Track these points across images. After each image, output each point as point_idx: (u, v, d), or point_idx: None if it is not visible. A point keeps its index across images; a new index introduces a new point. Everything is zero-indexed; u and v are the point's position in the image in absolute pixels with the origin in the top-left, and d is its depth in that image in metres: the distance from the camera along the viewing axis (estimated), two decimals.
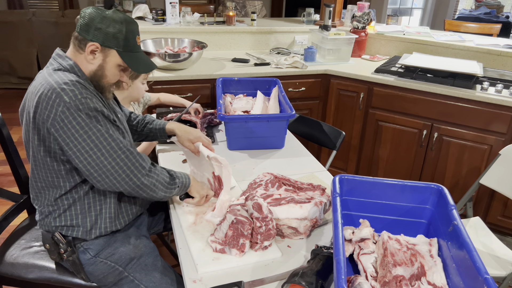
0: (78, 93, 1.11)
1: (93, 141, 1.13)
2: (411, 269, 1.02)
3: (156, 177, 1.23)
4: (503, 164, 1.89)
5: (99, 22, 1.15)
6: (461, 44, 2.81)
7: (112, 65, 1.21)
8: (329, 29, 2.85)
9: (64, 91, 1.10)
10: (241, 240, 1.15)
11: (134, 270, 1.30)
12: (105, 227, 1.27)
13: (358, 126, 2.77)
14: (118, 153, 1.16)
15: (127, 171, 1.17)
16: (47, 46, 4.40)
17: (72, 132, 1.10)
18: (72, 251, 1.26)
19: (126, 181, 1.17)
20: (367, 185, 1.19)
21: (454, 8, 6.38)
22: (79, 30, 1.17)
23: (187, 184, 1.33)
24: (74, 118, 1.10)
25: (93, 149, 1.13)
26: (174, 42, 2.71)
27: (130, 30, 1.20)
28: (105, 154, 1.14)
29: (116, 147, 1.16)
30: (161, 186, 1.24)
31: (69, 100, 1.09)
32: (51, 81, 1.12)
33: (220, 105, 1.79)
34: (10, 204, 1.60)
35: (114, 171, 1.15)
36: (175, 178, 1.29)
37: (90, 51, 1.18)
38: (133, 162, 1.18)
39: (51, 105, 1.10)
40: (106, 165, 1.14)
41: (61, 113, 1.09)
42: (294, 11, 6.42)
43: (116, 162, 1.15)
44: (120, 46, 1.19)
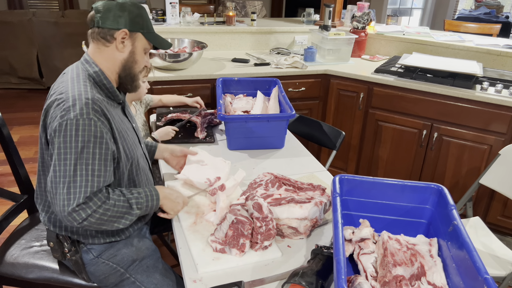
0: (85, 112, 1.08)
1: (65, 165, 1.06)
2: (411, 269, 1.02)
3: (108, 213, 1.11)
4: (503, 164, 1.89)
5: (119, 10, 1.16)
6: (461, 44, 2.81)
7: (140, 48, 1.23)
8: (329, 29, 2.85)
9: (74, 107, 1.08)
10: (241, 240, 1.15)
11: (136, 271, 1.30)
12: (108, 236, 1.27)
13: (358, 126, 2.77)
14: (75, 190, 1.06)
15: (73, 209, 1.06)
16: (47, 46, 4.40)
17: (56, 146, 1.07)
18: (76, 250, 1.27)
19: (69, 219, 1.07)
20: (367, 185, 1.19)
21: (454, 8, 6.38)
22: (101, 23, 1.16)
23: (153, 206, 1.23)
24: (65, 135, 1.06)
25: (61, 172, 1.06)
26: (174, 42, 2.71)
27: (145, 12, 1.23)
28: (67, 183, 1.06)
29: (79, 183, 1.06)
30: (117, 219, 1.14)
31: (73, 117, 1.07)
32: (69, 92, 1.11)
33: (220, 105, 1.79)
34: (10, 204, 1.60)
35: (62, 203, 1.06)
36: (133, 209, 1.17)
37: (121, 38, 1.18)
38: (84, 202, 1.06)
39: (56, 114, 1.09)
40: (60, 193, 1.06)
41: (58, 124, 1.07)
42: (294, 11, 6.42)
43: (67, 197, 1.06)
44: (144, 28, 1.21)
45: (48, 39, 4.38)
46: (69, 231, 1.25)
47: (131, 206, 1.16)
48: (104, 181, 1.11)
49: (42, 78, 4.53)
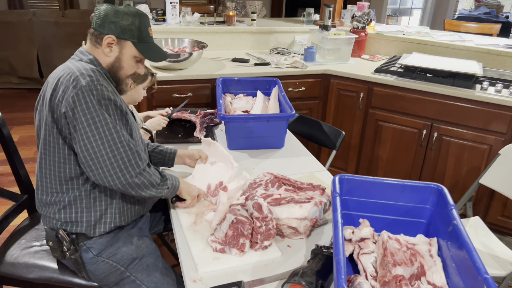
0: (95, 79, 1.15)
1: (97, 128, 1.14)
2: (411, 269, 1.02)
3: (148, 177, 1.21)
4: (503, 164, 1.89)
5: (113, 16, 1.21)
6: (461, 44, 2.81)
7: (128, 56, 1.26)
8: (329, 29, 2.85)
9: (83, 75, 1.14)
10: (241, 240, 1.15)
11: (136, 270, 1.30)
12: (109, 222, 1.27)
13: (358, 126, 2.77)
14: (117, 146, 1.15)
15: (122, 166, 1.16)
16: (47, 46, 4.40)
17: (80, 115, 1.12)
18: (75, 249, 1.26)
19: (118, 176, 1.16)
20: (367, 185, 1.19)
21: (454, 8, 6.38)
22: (95, 26, 1.23)
23: (176, 186, 1.33)
24: (86, 102, 1.12)
25: (95, 136, 1.13)
26: (174, 42, 2.71)
27: (143, 22, 1.25)
28: (105, 143, 1.14)
29: (117, 139, 1.16)
30: (150, 186, 1.23)
31: (85, 84, 1.13)
32: (71, 67, 1.18)
33: (220, 105, 1.79)
34: (10, 204, 1.60)
35: (109, 163, 1.15)
36: (166, 180, 1.28)
37: (106, 43, 1.23)
38: (130, 158, 1.17)
39: (67, 87, 1.13)
40: (103, 155, 1.14)
41: (75, 95, 1.12)
42: (294, 11, 6.42)
43: (113, 155, 1.15)
44: (135, 37, 1.25)
45: (48, 39, 4.38)
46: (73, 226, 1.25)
47: (164, 178, 1.28)
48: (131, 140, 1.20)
49: (42, 78, 4.53)
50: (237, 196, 1.42)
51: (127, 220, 1.32)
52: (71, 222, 1.25)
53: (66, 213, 1.25)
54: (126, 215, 1.31)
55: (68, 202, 1.24)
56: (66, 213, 1.25)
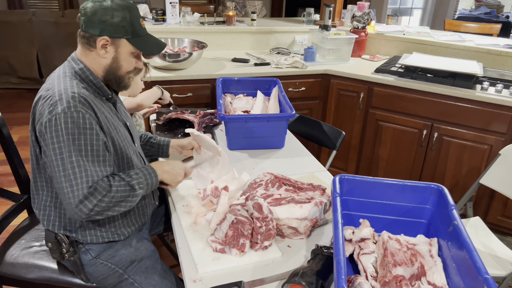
0: (73, 105, 1.09)
1: (62, 159, 1.08)
2: (411, 269, 1.02)
3: (113, 199, 1.13)
4: (503, 164, 1.89)
5: (102, 15, 1.14)
6: (461, 44, 2.81)
7: (125, 54, 1.21)
8: (329, 29, 2.85)
9: (61, 101, 1.09)
10: (241, 240, 1.15)
11: (134, 272, 1.30)
12: (108, 236, 1.27)
13: (358, 126, 2.77)
14: (77, 181, 1.08)
15: (77, 201, 1.08)
16: (47, 46, 4.40)
17: (49, 142, 1.08)
18: (74, 251, 1.26)
19: (75, 211, 1.09)
20: (367, 185, 1.19)
21: (454, 8, 6.38)
22: (84, 27, 1.16)
23: (154, 182, 1.25)
24: (56, 130, 1.08)
25: (59, 166, 1.08)
26: (174, 42, 2.71)
27: (134, 15, 1.19)
28: (66, 176, 1.08)
29: (78, 174, 1.08)
30: (121, 202, 1.15)
31: (61, 111, 1.08)
32: (55, 88, 1.13)
33: (220, 105, 1.79)
34: (10, 204, 1.60)
35: (68, 196, 1.08)
36: (135, 189, 1.18)
37: (101, 46, 1.17)
38: (85, 194, 1.08)
39: (44, 109, 1.10)
40: (63, 187, 1.08)
41: (48, 120, 1.08)
42: (294, 11, 6.41)
43: (71, 189, 1.08)
44: (129, 33, 1.18)
45: (48, 39, 4.38)
46: (68, 230, 1.25)
47: (133, 187, 1.17)
48: (102, 170, 1.12)
49: (42, 78, 4.53)
50: (237, 196, 1.42)
51: (126, 234, 1.31)
52: (69, 230, 1.25)
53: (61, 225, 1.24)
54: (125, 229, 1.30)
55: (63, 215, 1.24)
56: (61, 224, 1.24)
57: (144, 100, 1.87)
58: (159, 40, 1.29)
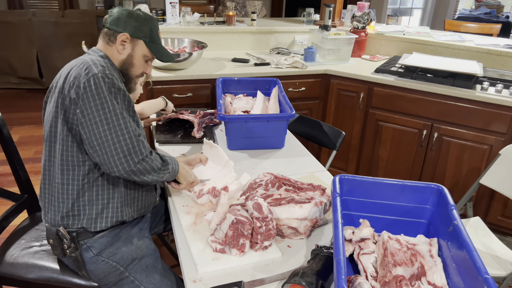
0: (107, 69, 1.20)
1: (105, 114, 1.17)
2: (411, 269, 1.02)
3: (150, 163, 1.24)
4: (503, 164, 1.89)
5: (127, 17, 1.29)
6: (461, 44, 2.81)
7: (139, 54, 1.33)
8: (329, 29, 2.85)
9: (95, 65, 1.19)
10: (241, 240, 1.15)
11: (135, 270, 1.30)
12: (111, 216, 1.27)
13: (358, 126, 2.77)
14: (123, 132, 1.18)
15: (126, 152, 1.18)
16: (47, 46, 4.40)
17: (90, 100, 1.16)
18: (76, 247, 1.27)
19: (122, 162, 1.18)
20: (367, 185, 1.19)
21: (454, 8, 6.38)
22: (109, 25, 1.29)
23: (176, 170, 1.36)
24: (96, 88, 1.16)
25: (102, 121, 1.16)
26: (174, 42, 2.71)
27: (154, 25, 1.34)
28: (111, 129, 1.17)
29: (123, 125, 1.19)
30: (152, 171, 1.26)
31: (97, 71, 1.17)
32: (85, 58, 1.23)
33: (220, 105, 1.79)
34: (10, 204, 1.60)
35: (114, 149, 1.17)
36: (167, 165, 1.31)
37: (120, 41, 1.29)
38: (134, 145, 1.20)
39: (79, 73, 1.17)
40: (108, 140, 1.17)
41: (86, 81, 1.16)
42: (294, 11, 6.42)
43: (118, 140, 1.18)
44: (147, 37, 1.32)
45: (48, 39, 4.38)
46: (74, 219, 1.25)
47: (165, 162, 1.31)
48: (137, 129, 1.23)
49: (42, 78, 4.53)
50: (237, 196, 1.42)
51: (128, 216, 1.32)
52: (73, 216, 1.25)
53: (69, 206, 1.25)
54: (128, 209, 1.31)
55: (71, 194, 1.24)
56: (68, 205, 1.25)
57: (145, 108, 1.86)
58: (171, 53, 1.44)
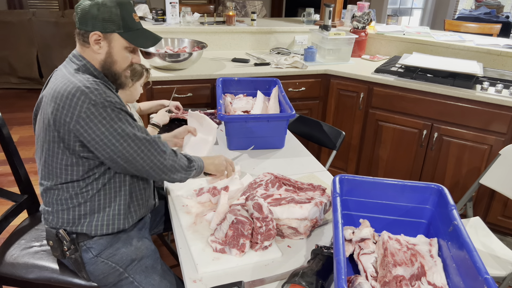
0: (103, 92, 1.14)
1: (120, 134, 1.16)
2: (411, 269, 1.02)
3: (177, 160, 1.28)
4: (503, 164, 1.89)
5: (94, 11, 1.16)
6: (461, 44, 2.81)
7: (118, 49, 1.22)
8: (329, 29, 2.85)
9: (89, 89, 1.13)
10: (241, 240, 1.15)
11: (134, 271, 1.30)
12: (112, 223, 1.27)
13: (358, 126, 2.77)
14: (142, 142, 1.20)
15: (151, 157, 1.22)
16: (47, 46, 4.40)
17: (99, 126, 1.13)
18: (75, 249, 1.26)
19: (151, 166, 1.22)
20: (367, 185, 1.19)
21: (454, 8, 6.38)
22: (78, 25, 1.19)
23: (202, 167, 1.40)
24: (100, 114, 1.13)
25: (119, 141, 1.16)
26: (174, 42, 2.71)
27: (125, 9, 1.20)
28: (131, 143, 1.18)
29: (140, 136, 1.20)
30: (180, 169, 1.29)
31: (95, 98, 1.12)
32: (75, 81, 1.15)
33: (220, 105, 1.79)
34: (10, 204, 1.60)
35: (140, 158, 1.20)
36: (193, 162, 1.35)
37: (93, 41, 1.19)
38: (156, 148, 1.23)
39: (76, 103, 1.11)
40: (132, 153, 1.18)
41: (86, 109, 1.11)
42: (294, 11, 6.41)
43: (141, 150, 1.19)
44: (120, 28, 1.19)
45: (48, 39, 4.38)
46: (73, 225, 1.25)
47: (190, 161, 1.35)
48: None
49: (42, 78, 4.53)
50: (237, 196, 1.42)
51: (129, 224, 1.31)
52: (73, 223, 1.25)
53: (69, 215, 1.24)
54: (128, 219, 1.31)
55: (71, 205, 1.24)
56: (69, 214, 1.24)
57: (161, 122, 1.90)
58: (154, 34, 1.30)
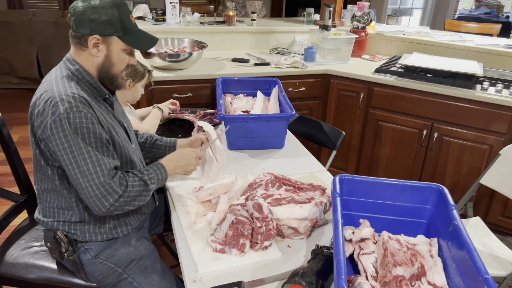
0: (75, 105, 1.10)
1: (74, 157, 1.11)
2: (411, 269, 1.02)
3: (129, 194, 1.17)
4: (503, 164, 1.89)
5: (91, 13, 1.13)
6: (461, 44, 2.81)
7: (117, 51, 1.21)
8: (329, 29, 2.85)
9: (62, 101, 1.10)
10: (241, 240, 1.15)
11: (134, 272, 1.30)
12: (107, 233, 1.28)
13: (358, 126, 2.76)
14: (93, 177, 1.12)
15: (99, 195, 1.13)
16: (47, 46, 4.40)
17: (58, 142, 1.10)
18: (73, 250, 1.26)
19: (97, 204, 1.13)
20: (367, 185, 1.19)
21: (454, 8, 6.38)
22: (75, 27, 1.16)
23: (164, 177, 1.30)
24: (63, 130, 1.09)
25: (72, 164, 1.11)
26: (174, 42, 2.71)
27: (123, 12, 1.18)
28: (82, 173, 1.12)
29: (92, 170, 1.12)
30: (137, 197, 1.20)
31: (64, 111, 1.09)
32: (54, 89, 1.14)
33: (220, 105, 1.79)
34: (10, 204, 1.60)
35: (87, 192, 1.13)
36: (148, 184, 1.23)
37: (92, 44, 1.17)
38: (106, 188, 1.13)
39: (46, 112, 1.10)
40: (81, 183, 1.12)
41: (52, 122, 1.09)
42: (294, 11, 6.41)
43: (89, 184, 1.12)
44: (119, 30, 1.18)
45: (48, 39, 4.38)
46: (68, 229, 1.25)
47: (146, 183, 1.22)
48: (111, 162, 1.16)
49: (42, 78, 4.52)
50: (237, 196, 1.42)
51: (125, 232, 1.32)
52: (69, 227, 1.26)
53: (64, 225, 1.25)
54: (125, 226, 1.31)
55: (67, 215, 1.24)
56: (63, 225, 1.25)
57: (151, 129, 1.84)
58: (151, 35, 1.28)
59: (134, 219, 1.34)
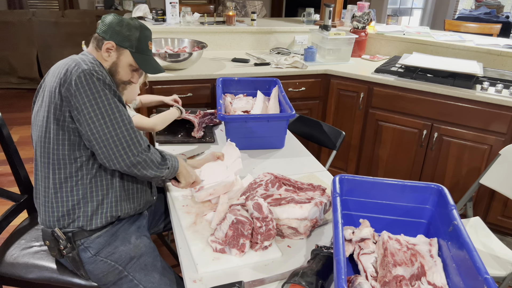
0: (97, 66, 1.21)
1: (100, 108, 1.18)
2: (411, 269, 1.02)
3: (150, 155, 1.25)
4: (503, 164, 1.89)
5: (117, 26, 1.29)
6: (461, 44, 2.81)
7: (124, 63, 1.33)
8: (329, 29, 2.85)
9: (84, 61, 1.20)
10: (241, 240, 1.15)
11: (134, 269, 1.30)
12: (105, 212, 1.28)
13: (358, 126, 2.77)
14: (120, 125, 1.20)
15: (125, 144, 1.20)
16: (47, 46, 4.40)
17: (83, 96, 1.16)
18: (72, 247, 1.26)
19: (121, 154, 1.20)
20: (367, 185, 1.19)
21: (454, 8, 6.38)
22: (99, 31, 1.30)
23: (176, 167, 1.36)
24: (88, 83, 1.17)
25: (97, 116, 1.17)
26: (174, 42, 2.71)
27: (144, 35, 1.34)
28: (108, 123, 1.18)
29: (119, 118, 1.20)
30: (152, 165, 1.26)
31: (87, 68, 1.18)
32: (74, 57, 1.25)
33: (220, 105, 1.79)
34: (10, 204, 1.60)
35: (112, 142, 1.19)
36: (166, 160, 1.31)
37: (106, 48, 1.29)
38: (132, 137, 1.21)
39: (70, 71, 1.18)
40: (106, 133, 1.18)
41: (77, 78, 1.16)
42: (294, 11, 6.42)
43: (116, 133, 1.19)
44: (133, 47, 1.32)
45: (48, 39, 4.38)
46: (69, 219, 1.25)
47: (164, 158, 1.31)
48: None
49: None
50: (237, 196, 1.42)
51: (124, 212, 1.32)
52: (68, 215, 1.25)
53: (64, 205, 1.25)
54: (123, 205, 1.31)
55: (65, 193, 1.24)
56: (63, 204, 1.25)
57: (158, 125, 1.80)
58: (159, 65, 1.41)
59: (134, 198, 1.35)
